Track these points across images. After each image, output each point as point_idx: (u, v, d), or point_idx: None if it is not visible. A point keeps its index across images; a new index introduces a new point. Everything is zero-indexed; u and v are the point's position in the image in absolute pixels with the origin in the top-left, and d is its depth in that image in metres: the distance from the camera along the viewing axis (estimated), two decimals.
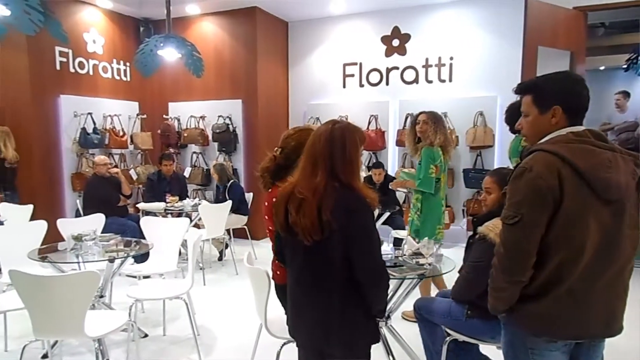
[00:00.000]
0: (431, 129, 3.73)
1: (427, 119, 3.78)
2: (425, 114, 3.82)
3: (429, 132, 3.73)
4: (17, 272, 2.31)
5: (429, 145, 3.70)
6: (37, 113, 5.93)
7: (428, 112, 3.84)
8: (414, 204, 3.86)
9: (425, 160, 3.72)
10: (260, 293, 2.55)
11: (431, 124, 3.74)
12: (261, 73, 6.80)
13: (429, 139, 3.73)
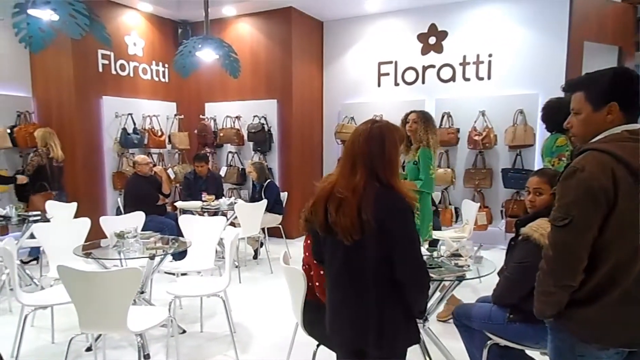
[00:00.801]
0: (421, 128, 3.73)
1: (417, 118, 3.78)
2: (416, 113, 3.83)
3: (419, 131, 3.73)
4: (65, 267, 2.39)
5: (425, 146, 3.69)
6: (80, 114, 6.15)
7: (418, 112, 3.86)
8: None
9: (424, 161, 3.71)
10: (297, 292, 2.55)
11: (421, 124, 3.74)
12: (296, 73, 6.83)
13: (420, 138, 3.72)
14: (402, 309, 1.71)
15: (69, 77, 6.03)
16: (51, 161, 5.52)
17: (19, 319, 3.20)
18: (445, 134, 6.35)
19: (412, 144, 3.84)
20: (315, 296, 2.52)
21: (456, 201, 6.47)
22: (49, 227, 4.13)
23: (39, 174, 5.39)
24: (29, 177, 5.38)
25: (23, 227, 4.62)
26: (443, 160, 6.53)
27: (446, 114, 6.48)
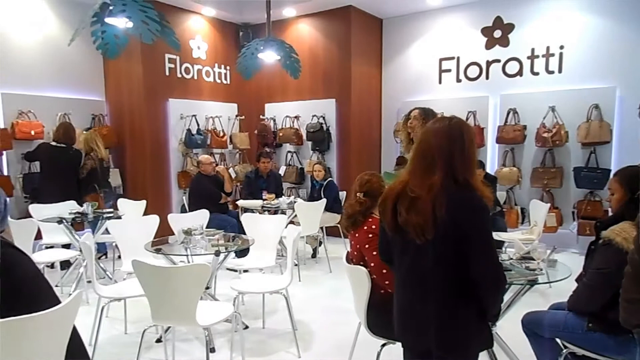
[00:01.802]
0: (419, 124, 3.64)
1: (418, 115, 3.70)
2: (417, 110, 3.73)
3: (417, 128, 3.64)
4: (139, 262, 2.50)
5: None
6: (149, 116, 6.45)
7: (420, 108, 3.76)
8: None
9: None
10: (360, 292, 2.53)
11: (420, 120, 3.65)
12: (355, 72, 6.81)
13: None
14: (475, 311, 1.65)
15: (138, 81, 6.35)
16: (102, 163, 5.76)
17: (96, 309, 3.40)
18: (511, 131, 6.09)
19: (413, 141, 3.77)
20: (380, 296, 2.49)
21: (522, 201, 6.18)
22: (122, 223, 4.37)
23: (90, 177, 5.61)
24: (82, 180, 5.59)
25: (97, 223, 4.91)
26: (508, 158, 6.26)
27: (512, 110, 6.20)
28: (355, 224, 2.58)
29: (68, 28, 6.03)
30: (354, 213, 2.59)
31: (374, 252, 2.43)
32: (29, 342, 1.78)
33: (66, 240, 4.93)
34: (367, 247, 2.51)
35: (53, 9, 5.99)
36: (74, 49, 5.83)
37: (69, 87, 6.20)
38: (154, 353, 3.34)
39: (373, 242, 2.40)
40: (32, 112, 5.74)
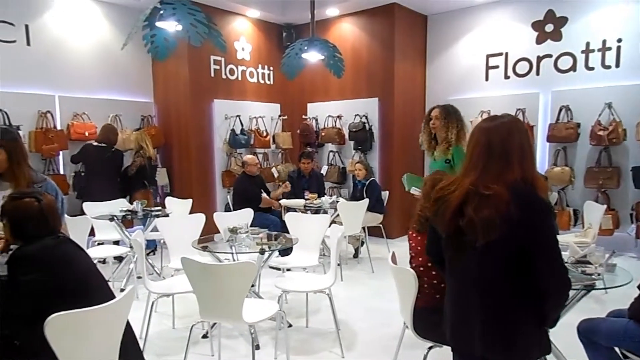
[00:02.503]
0: (443, 124, 3.59)
1: (439, 114, 3.62)
2: (438, 109, 3.64)
3: (442, 129, 3.59)
4: (188, 259, 2.56)
5: (457, 143, 3.57)
6: (194, 117, 6.61)
7: (440, 107, 3.67)
8: None
9: (461, 159, 3.51)
10: (406, 293, 2.49)
11: (442, 120, 3.59)
12: (398, 70, 6.72)
13: (446, 135, 3.56)
14: (535, 316, 1.58)
15: (185, 82, 6.52)
16: (149, 161, 6.01)
17: (145, 304, 3.51)
18: (563, 129, 5.83)
19: (436, 141, 3.69)
20: (427, 298, 2.43)
21: (575, 203, 5.91)
22: (170, 221, 4.49)
23: (139, 174, 5.90)
24: (132, 177, 5.89)
25: (146, 221, 5.08)
26: (560, 158, 6.00)
27: (564, 108, 5.94)
28: (423, 226, 2.49)
29: (119, 33, 6.27)
30: (426, 217, 2.44)
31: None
32: (87, 334, 1.86)
33: (117, 237, 5.13)
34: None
35: (106, 15, 6.24)
36: (125, 53, 6.05)
37: (120, 89, 6.45)
38: (200, 348, 3.41)
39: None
40: (86, 114, 6.01)
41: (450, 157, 3.58)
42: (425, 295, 2.44)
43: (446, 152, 3.59)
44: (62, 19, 5.82)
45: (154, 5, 3.09)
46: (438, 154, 3.66)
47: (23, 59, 5.51)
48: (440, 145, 3.63)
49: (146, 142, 5.99)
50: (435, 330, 2.31)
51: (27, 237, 1.97)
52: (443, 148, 3.60)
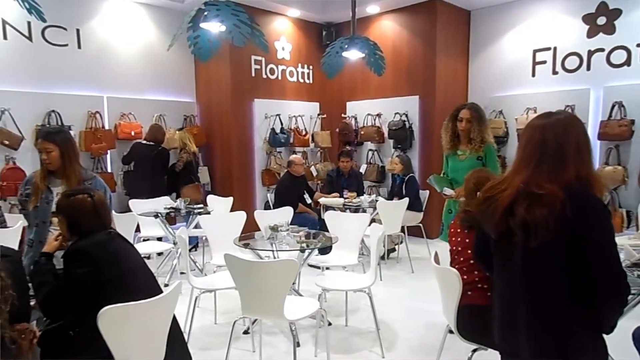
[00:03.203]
0: (476, 127, 3.55)
1: (470, 117, 3.55)
2: (469, 111, 3.57)
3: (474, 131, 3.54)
4: (231, 256, 2.60)
5: (488, 142, 3.59)
6: (235, 116, 6.72)
7: (471, 108, 3.59)
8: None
9: (494, 157, 3.62)
10: (450, 294, 2.43)
11: (475, 123, 3.55)
12: (439, 67, 6.60)
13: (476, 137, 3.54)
14: (589, 322, 1.51)
15: (226, 82, 6.63)
16: (195, 157, 6.23)
17: (189, 299, 3.59)
18: (616, 127, 5.56)
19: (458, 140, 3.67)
20: (469, 297, 2.38)
21: (628, 203, 5.62)
22: (212, 218, 4.58)
23: (186, 169, 6.12)
24: (179, 173, 6.11)
25: (189, 218, 5.20)
26: (612, 156, 5.72)
27: (617, 104, 5.65)
28: (473, 226, 2.40)
29: (164, 35, 6.46)
30: (473, 214, 2.40)
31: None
32: (137, 326, 1.92)
33: (161, 234, 5.28)
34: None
35: (152, 18, 6.44)
36: (169, 54, 6.22)
37: (164, 90, 6.64)
38: (242, 343, 3.46)
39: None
40: (132, 114, 6.22)
41: (483, 155, 3.57)
42: (467, 294, 2.39)
43: (478, 149, 3.57)
44: (110, 23, 6.05)
45: (199, 7, 3.15)
46: (466, 152, 3.64)
47: (74, 62, 5.76)
48: (469, 144, 3.61)
49: (189, 140, 6.20)
50: (480, 332, 2.26)
51: (82, 232, 2.05)
52: (474, 146, 3.58)
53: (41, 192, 2.69)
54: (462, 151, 3.66)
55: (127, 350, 1.88)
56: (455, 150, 3.70)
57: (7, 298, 1.59)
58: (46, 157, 2.65)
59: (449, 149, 3.75)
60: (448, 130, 3.70)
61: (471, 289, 2.40)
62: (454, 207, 3.68)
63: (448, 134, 3.70)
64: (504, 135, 6.46)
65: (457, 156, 3.69)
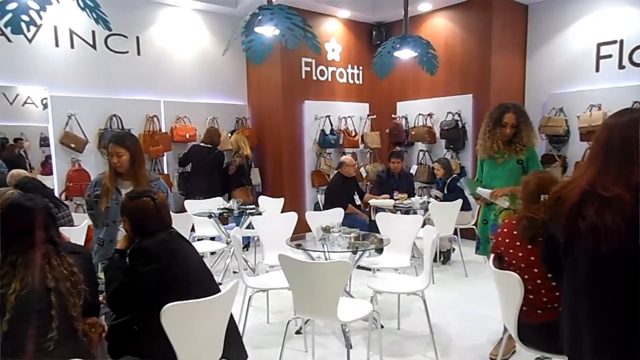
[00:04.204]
0: (525, 130, 3.28)
1: (516, 120, 3.26)
2: (514, 113, 3.26)
3: (524, 133, 3.27)
4: (285, 256, 2.63)
5: (533, 145, 3.34)
6: (286, 118, 6.80)
7: (517, 110, 3.29)
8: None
9: (537, 162, 3.39)
10: (511, 300, 2.34)
11: (524, 127, 3.28)
12: (494, 64, 6.38)
13: (524, 140, 3.27)
14: None
15: (277, 84, 6.73)
16: (247, 160, 6.35)
17: (242, 298, 3.66)
18: None
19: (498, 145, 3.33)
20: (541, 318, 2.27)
21: None
22: (264, 219, 4.66)
23: (238, 172, 6.28)
24: (231, 175, 6.27)
25: (241, 218, 5.31)
26: None
27: None
28: (539, 235, 2.26)
29: (218, 40, 6.64)
30: (540, 221, 2.24)
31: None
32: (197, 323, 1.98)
33: (214, 233, 5.43)
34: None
35: (207, 24, 6.64)
36: (222, 58, 6.41)
37: (217, 93, 6.82)
38: (294, 343, 3.49)
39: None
40: (187, 117, 6.43)
41: (524, 159, 3.30)
42: (537, 312, 2.28)
43: (518, 152, 3.29)
44: (167, 30, 6.29)
45: (253, 12, 3.21)
46: (504, 155, 3.33)
47: (134, 68, 6.04)
48: (508, 146, 3.32)
49: (244, 143, 6.35)
50: (544, 341, 2.16)
51: (145, 232, 2.14)
52: (515, 148, 3.30)
53: (111, 193, 2.82)
54: (500, 154, 3.35)
55: (188, 346, 1.94)
56: (491, 154, 3.38)
57: (80, 292, 1.69)
58: (117, 160, 2.78)
59: (486, 154, 3.40)
60: (491, 135, 3.32)
61: (542, 309, 2.27)
62: (490, 216, 3.38)
63: (490, 140, 3.33)
64: (565, 134, 6.16)
65: (494, 160, 3.38)
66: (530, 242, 2.34)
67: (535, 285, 2.29)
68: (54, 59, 5.45)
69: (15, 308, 1.56)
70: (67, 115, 5.50)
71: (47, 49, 5.39)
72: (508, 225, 2.53)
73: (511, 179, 3.25)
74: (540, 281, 2.26)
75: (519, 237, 2.41)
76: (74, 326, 1.69)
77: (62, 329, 1.63)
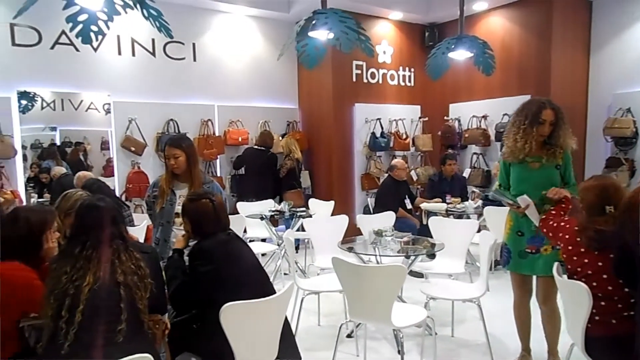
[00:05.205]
0: (564, 130, 2.89)
1: (553, 117, 2.86)
2: (553, 112, 2.86)
3: (563, 134, 2.88)
4: (339, 259, 2.63)
5: (571, 149, 2.96)
6: (336, 121, 6.81)
7: (554, 107, 2.88)
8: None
9: (571, 167, 3.01)
10: (577, 311, 2.22)
11: (562, 126, 2.89)
12: (555, 63, 6.10)
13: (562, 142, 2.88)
14: None
15: (328, 88, 6.76)
16: (298, 163, 6.42)
17: (294, 300, 3.68)
18: None
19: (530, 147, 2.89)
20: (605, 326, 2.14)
21: None
22: (316, 222, 4.67)
23: (289, 175, 6.38)
24: (282, 178, 6.38)
25: (292, 221, 5.36)
26: None
27: None
28: (607, 247, 2.10)
29: (270, 45, 6.77)
30: (608, 234, 2.09)
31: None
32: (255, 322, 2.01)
33: (265, 235, 5.51)
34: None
35: (260, 29, 6.77)
36: (273, 63, 6.51)
37: (269, 97, 6.94)
38: (345, 347, 3.47)
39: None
40: (239, 121, 6.58)
41: (562, 163, 2.95)
42: (612, 322, 2.15)
43: (556, 156, 2.93)
44: (222, 36, 6.46)
45: (308, 16, 3.24)
46: (542, 159, 2.93)
47: (190, 74, 6.25)
48: (544, 149, 2.94)
49: (295, 146, 6.44)
50: (616, 356, 2.04)
51: (204, 233, 2.20)
52: (552, 152, 2.92)
53: (166, 195, 2.93)
54: (535, 158, 2.93)
55: (246, 345, 1.97)
56: (523, 157, 2.93)
57: (147, 286, 1.76)
58: (174, 162, 2.87)
59: (517, 157, 2.95)
60: (525, 135, 2.88)
61: (616, 318, 2.14)
62: (531, 227, 2.91)
63: (522, 140, 2.88)
64: (632, 135, 5.80)
65: (526, 164, 2.94)
66: (599, 251, 2.21)
67: (606, 291, 2.15)
68: (116, 67, 5.73)
69: (89, 300, 1.65)
70: (128, 119, 5.76)
71: (111, 57, 5.68)
72: (568, 231, 2.39)
73: (548, 188, 2.85)
74: (612, 288, 2.12)
75: (583, 243, 2.27)
76: (141, 319, 1.77)
77: (130, 322, 1.70)
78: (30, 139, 5.38)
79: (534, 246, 2.90)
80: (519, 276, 3.03)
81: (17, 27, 5.06)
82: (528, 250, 2.91)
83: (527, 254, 2.93)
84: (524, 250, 2.95)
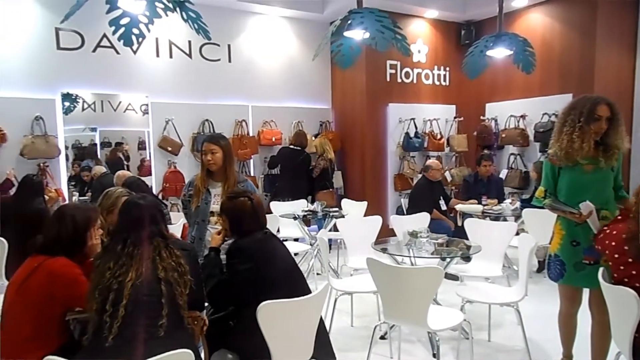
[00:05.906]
0: (616, 128, 2.62)
1: (610, 113, 2.58)
2: (608, 107, 2.58)
3: (619, 132, 2.62)
4: (374, 260, 2.61)
5: (624, 149, 2.69)
6: (370, 121, 6.77)
7: (611, 103, 2.60)
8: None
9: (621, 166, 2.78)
10: (624, 319, 2.13)
11: (617, 122, 2.61)
12: (599, 61, 5.87)
13: (616, 142, 2.61)
14: None
15: (361, 88, 6.73)
16: (331, 163, 6.46)
17: (327, 300, 3.67)
18: None
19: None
20: None
21: None
22: (349, 222, 4.66)
23: (322, 175, 6.40)
24: (315, 178, 6.40)
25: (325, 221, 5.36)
26: None
27: None
28: None
29: (304, 46, 6.79)
30: None
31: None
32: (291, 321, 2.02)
33: (297, 234, 5.53)
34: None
35: (294, 30, 6.81)
36: (307, 63, 6.55)
37: (302, 97, 6.96)
38: (379, 348, 3.43)
39: None
40: (273, 121, 6.63)
41: (616, 165, 2.71)
42: None
43: (612, 158, 2.67)
44: (256, 36, 6.53)
45: (344, 16, 3.23)
46: (600, 162, 2.65)
47: (225, 75, 6.34)
48: (599, 150, 2.67)
49: (328, 146, 6.46)
50: None
51: (242, 231, 2.22)
52: (609, 153, 2.66)
53: (202, 193, 2.98)
54: (590, 160, 2.65)
55: (282, 344, 1.98)
56: (576, 159, 2.64)
57: (187, 282, 1.80)
58: (211, 157, 2.91)
59: (572, 160, 2.65)
60: (581, 134, 2.58)
61: None
62: (588, 236, 2.62)
63: (579, 139, 2.58)
64: None
65: (581, 166, 2.66)
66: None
67: None
68: (154, 68, 5.87)
69: (131, 295, 1.70)
70: (165, 120, 5.89)
71: (149, 59, 5.83)
72: (615, 238, 2.27)
73: (605, 192, 2.65)
74: None
75: (631, 253, 2.15)
76: (181, 314, 1.80)
77: (171, 317, 1.74)
78: (72, 139, 5.59)
79: (593, 257, 2.61)
80: (571, 289, 2.79)
81: (62, 32, 5.26)
82: (586, 262, 2.64)
83: (584, 266, 2.65)
84: (580, 262, 2.67)
